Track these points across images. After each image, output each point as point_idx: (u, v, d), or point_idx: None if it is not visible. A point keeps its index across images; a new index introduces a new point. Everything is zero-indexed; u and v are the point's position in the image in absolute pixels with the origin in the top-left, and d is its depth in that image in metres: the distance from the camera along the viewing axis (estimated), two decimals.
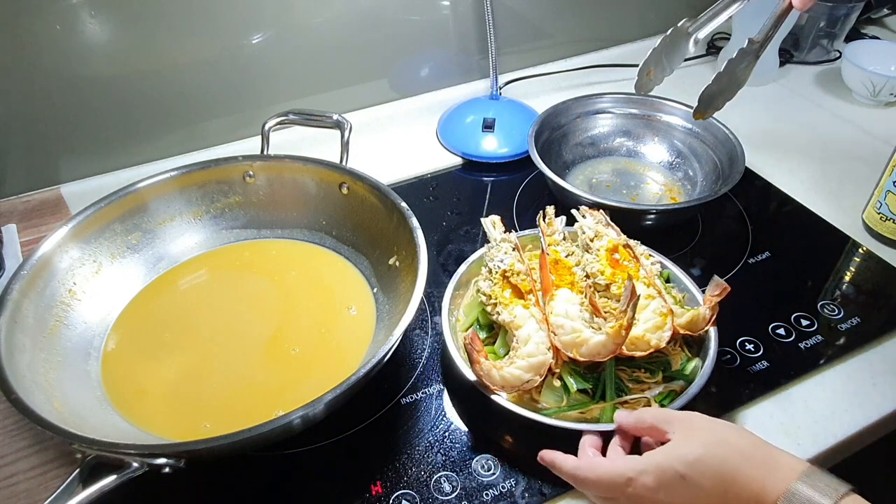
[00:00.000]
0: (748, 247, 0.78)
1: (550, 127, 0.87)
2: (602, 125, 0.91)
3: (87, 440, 0.47)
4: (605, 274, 0.61)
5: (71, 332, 0.63)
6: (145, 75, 0.83)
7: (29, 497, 0.55)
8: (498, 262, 0.62)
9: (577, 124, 0.90)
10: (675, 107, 0.88)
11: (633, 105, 0.90)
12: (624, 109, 0.90)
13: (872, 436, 0.62)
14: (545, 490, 0.55)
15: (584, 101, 0.90)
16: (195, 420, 0.58)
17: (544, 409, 0.56)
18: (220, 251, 0.75)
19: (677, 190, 0.86)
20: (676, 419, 0.50)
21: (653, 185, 0.87)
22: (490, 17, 0.91)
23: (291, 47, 0.90)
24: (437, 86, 1.03)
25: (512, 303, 0.59)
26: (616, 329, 0.53)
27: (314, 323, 0.67)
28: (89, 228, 0.67)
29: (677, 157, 0.88)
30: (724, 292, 0.59)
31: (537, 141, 0.82)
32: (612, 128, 0.91)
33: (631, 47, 1.14)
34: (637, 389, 0.57)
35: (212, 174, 0.73)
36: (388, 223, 0.68)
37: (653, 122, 0.90)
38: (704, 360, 0.58)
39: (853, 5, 1.07)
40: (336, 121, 0.74)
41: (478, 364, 0.54)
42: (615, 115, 0.90)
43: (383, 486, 0.55)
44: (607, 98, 0.90)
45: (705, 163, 0.85)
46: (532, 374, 0.54)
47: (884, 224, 0.76)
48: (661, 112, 0.89)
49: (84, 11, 0.76)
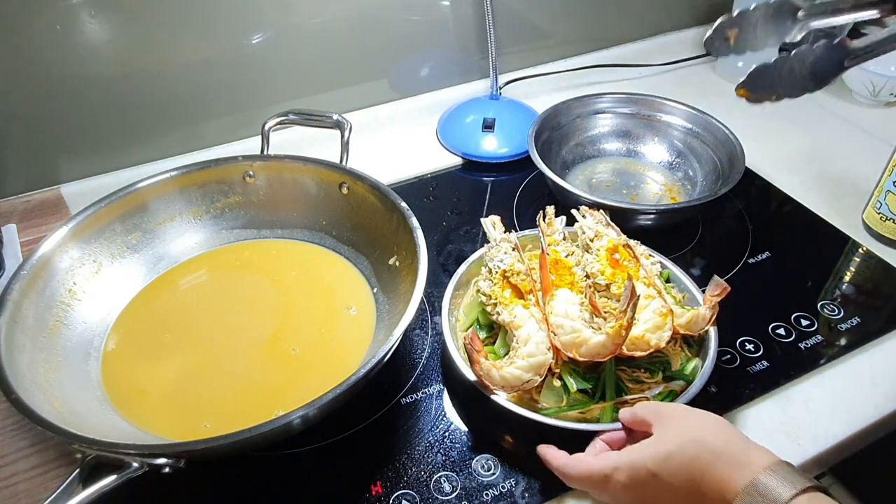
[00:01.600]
0: (748, 247, 0.78)
1: (550, 127, 0.87)
2: (602, 125, 0.91)
3: (87, 440, 0.47)
4: (606, 274, 0.61)
5: (71, 332, 0.63)
6: (145, 75, 0.83)
7: (29, 497, 0.55)
8: (498, 262, 0.62)
9: (577, 124, 0.90)
10: (675, 107, 0.88)
11: (633, 105, 0.90)
12: (624, 109, 0.90)
13: (872, 436, 0.62)
14: (545, 490, 0.55)
15: (584, 101, 0.90)
16: (195, 420, 0.58)
17: (544, 409, 0.56)
18: (220, 251, 0.75)
19: (677, 190, 0.86)
20: (663, 413, 0.50)
21: (653, 185, 0.87)
22: (490, 17, 0.91)
23: (291, 47, 0.90)
24: (437, 86, 1.03)
25: (512, 303, 0.59)
26: (616, 329, 0.53)
27: (314, 323, 0.67)
28: (89, 228, 0.67)
29: (677, 156, 0.88)
30: (723, 292, 0.59)
31: (537, 141, 0.82)
32: (612, 128, 0.91)
33: (631, 47, 1.14)
34: (637, 389, 0.57)
35: (212, 174, 0.73)
36: (388, 223, 0.68)
37: (653, 122, 0.89)
38: (704, 360, 0.58)
39: None
40: (336, 121, 0.74)
41: (478, 364, 0.54)
42: (615, 114, 0.90)
43: (383, 486, 0.55)
44: (607, 98, 0.90)
45: (705, 162, 0.85)
46: (532, 374, 0.54)
47: (884, 224, 0.76)
48: (662, 112, 0.89)
49: (84, 11, 0.76)
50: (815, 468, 0.60)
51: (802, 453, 0.58)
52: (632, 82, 1.09)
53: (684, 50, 1.15)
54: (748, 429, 0.59)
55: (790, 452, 0.58)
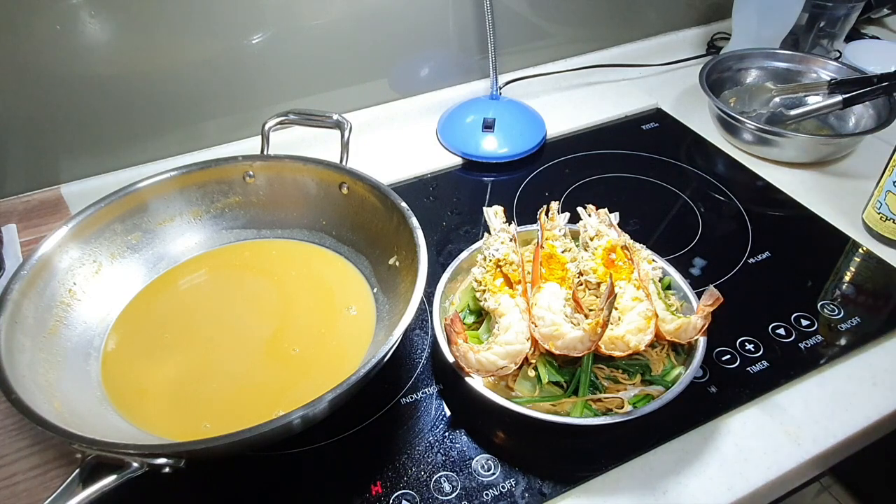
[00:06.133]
0: (748, 247, 0.78)
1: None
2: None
3: (87, 440, 0.47)
4: (598, 273, 0.61)
5: (71, 332, 0.63)
6: (145, 75, 0.83)
7: (29, 497, 0.55)
8: (493, 250, 0.63)
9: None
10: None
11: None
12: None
13: (872, 436, 0.62)
14: (545, 490, 0.55)
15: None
16: (195, 420, 0.58)
17: (517, 398, 0.57)
18: (220, 251, 0.75)
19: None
20: None
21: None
22: (490, 16, 0.91)
23: (291, 47, 0.90)
24: (437, 86, 1.03)
25: (500, 291, 0.59)
26: (592, 326, 0.53)
27: (314, 323, 0.67)
28: (89, 228, 0.67)
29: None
30: (716, 303, 0.59)
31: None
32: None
33: (631, 47, 1.14)
34: (612, 389, 0.57)
35: (212, 174, 0.73)
36: (388, 223, 0.68)
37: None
38: (689, 368, 0.58)
39: (853, 5, 1.07)
40: (336, 121, 0.74)
41: (455, 345, 0.55)
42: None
43: (383, 486, 0.55)
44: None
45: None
46: (507, 362, 0.55)
47: (884, 224, 0.76)
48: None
49: (84, 11, 0.76)
50: (815, 468, 0.60)
51: (802, 453, 0.58)
52: (632, 82, 1.09)
53: (684, 50, 1.15)
54: (748, 429, 0.59)
55: (790, 452, 0.58)
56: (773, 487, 0.57)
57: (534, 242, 0.68)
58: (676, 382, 0.56)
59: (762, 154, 0.91)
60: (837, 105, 0.89)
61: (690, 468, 0.57)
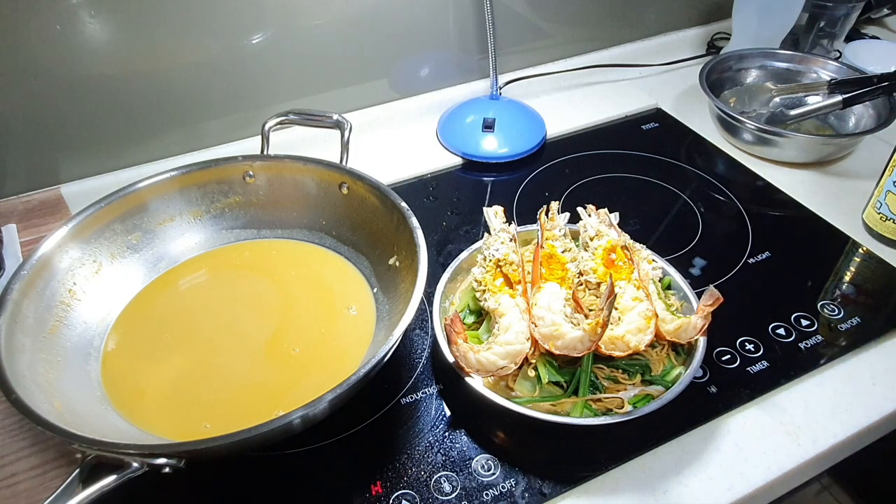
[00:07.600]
0: (748, 247, 0.78)
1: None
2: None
3: (87, 440, 0.47)
4: (598, 273, 0.61)
5: (71, 332, 0.63)
6: (145, 75, 0.83)
7: (29, 497, 0.55)
8: (493, 250, 0.63)
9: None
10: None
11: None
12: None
13: (872, 436, 0.62)
14: (545, 490, 0.55)
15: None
16: (195, 420, 0.58)
17: (517, 398, 0.57)
18: (220, 251, 0.75)
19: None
20: None
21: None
22: (490, 16, 0.91)
23: (291, 47, 0.90)
24: (437, 86, 1.03)
25: (500, 291, 0.59)
26: (592, 326, 0.53)
27: (314, 323, 0.67)
28: (89, 228, 0.67)
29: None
30: (716, 303, 0.59)
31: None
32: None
33: (631, 47, 1.14)
34: (613, 389, 0.57)
35: (212, 174, 0.73)
36: (388, 223, 0.68)
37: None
38: (689, 369, 0.58)
39: (853, 5, 1.07)
40: (336, 121, 0.74)
41: (455, 345, 0.55)
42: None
43: (383, 486, 0.55)
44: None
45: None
46: (507, 362, 0.55)
47: (884, 224, 0.76)
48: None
49: (84, 11, 0.76)
50: (815, 468, 0.60)
51: (802, 453, 0.58)
52: (632, 82, 1.09)
53: (684, 50, 1.15)
54: (748, 429, 0.59)
55: (790, 452, 0.58)
56: (773, 487, 0.57)
57: (534, 242, 0.68)
58: (676, 382, 0.56)
59: (762, 154, 0.91)
60: (837, 105, 0.89)
61: (690, 468, 0.57)
